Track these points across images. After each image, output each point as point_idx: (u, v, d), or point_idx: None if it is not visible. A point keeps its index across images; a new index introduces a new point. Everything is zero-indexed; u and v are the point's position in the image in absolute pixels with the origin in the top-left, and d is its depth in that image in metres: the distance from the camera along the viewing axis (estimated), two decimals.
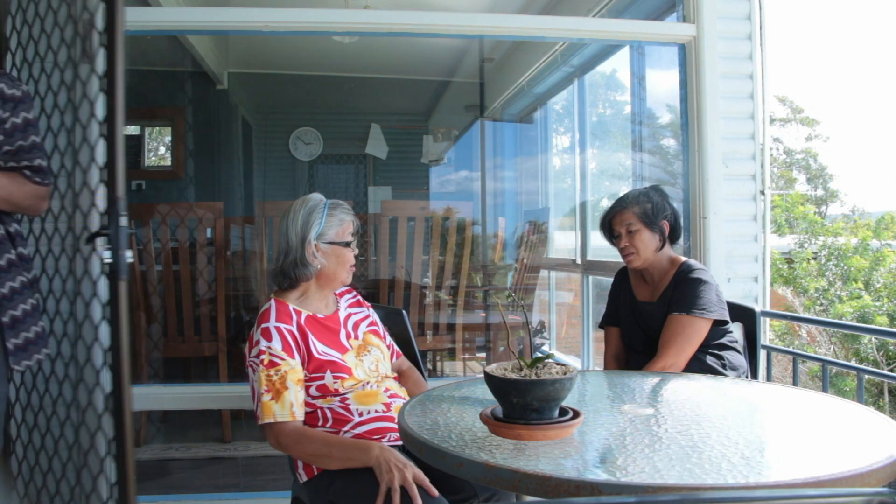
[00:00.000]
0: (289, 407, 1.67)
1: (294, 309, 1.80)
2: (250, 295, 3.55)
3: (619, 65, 4.53)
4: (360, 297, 2.03)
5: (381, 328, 2.01)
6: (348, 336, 1.87)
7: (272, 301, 1.80)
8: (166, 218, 3.30)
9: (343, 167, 6.38)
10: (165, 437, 3.44)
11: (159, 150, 7.20)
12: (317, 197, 1.88)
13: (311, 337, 1.77)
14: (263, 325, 1.74)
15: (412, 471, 1.52)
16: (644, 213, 2.16)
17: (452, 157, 6.17)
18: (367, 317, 1.99)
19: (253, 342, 1.74)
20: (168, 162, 5.63)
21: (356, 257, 1.93)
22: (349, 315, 1.93)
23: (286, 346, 1.72)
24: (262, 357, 1.70)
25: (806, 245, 9.50)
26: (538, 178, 5.62)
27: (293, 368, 1.72)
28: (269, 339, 1.72)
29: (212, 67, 5.33)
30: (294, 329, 1.76)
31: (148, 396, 2.66)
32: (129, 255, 1.61)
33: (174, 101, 5.37)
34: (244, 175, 6.04)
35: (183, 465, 3.13)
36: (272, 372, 1.68)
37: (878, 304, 8.30)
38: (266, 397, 1.67)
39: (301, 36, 4.28)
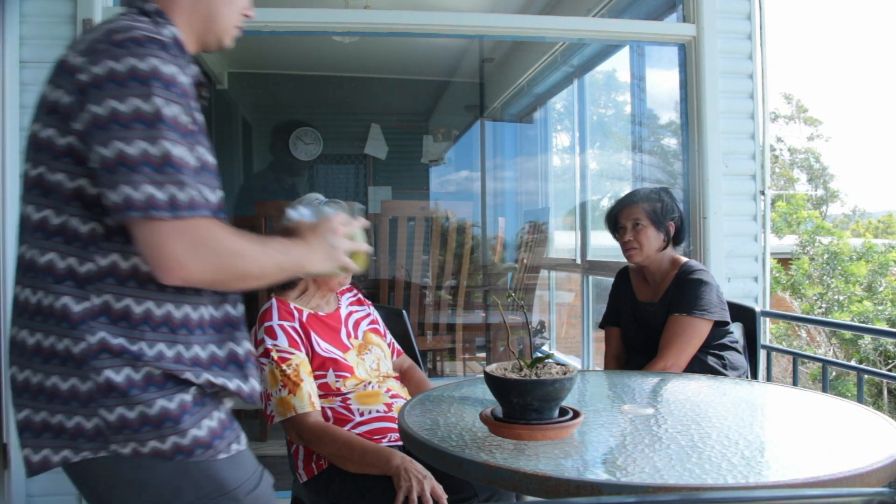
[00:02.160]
0: (307, 398, 1.67)
1: (295, 307, 1.80)
2: (250, 295, 3.55)
3: (619, 65, 4.53)
4: (360, 296, 2.03)
5: (381, 326, 2.01)
6: (349, 335, 1.87)
7: (273, 300, 1.80)
8: None
9: (343, 167, 6.37)
10: None
11: None
12: (311, 196, 1.88)
13: (313, 335, 1.77)
14: (266, 324, 1.74)
15: (431, 483, 1.52)
16: (653, 211, 2.16)
17: (452, 157, 6.16)
18: (368, 315, 1.99)
19: (256, 341, 1.74)
20: None
21: None
22: (350, 313, 1.93)
23: (292, 342, 1.73)
24: (271, 354, 1.69)
25: (808, 248, 9.42)
26: (538, 178, 5.61)
27: (303, 361, 1.72)
28: (274, 337, 1.72)
29: (212, 67, 5.33)
30: (297, 326, 1.76)
31: None
32: None
33: None
34: (244, 175, 6.04)
35: None
36: (285, 367, 1.68)
37: (881, 308, 8.23)
38: (282, 393, 1.66)
39: (301, 36, 4.27)
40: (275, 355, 1.69)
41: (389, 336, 2.04)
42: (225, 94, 5.76)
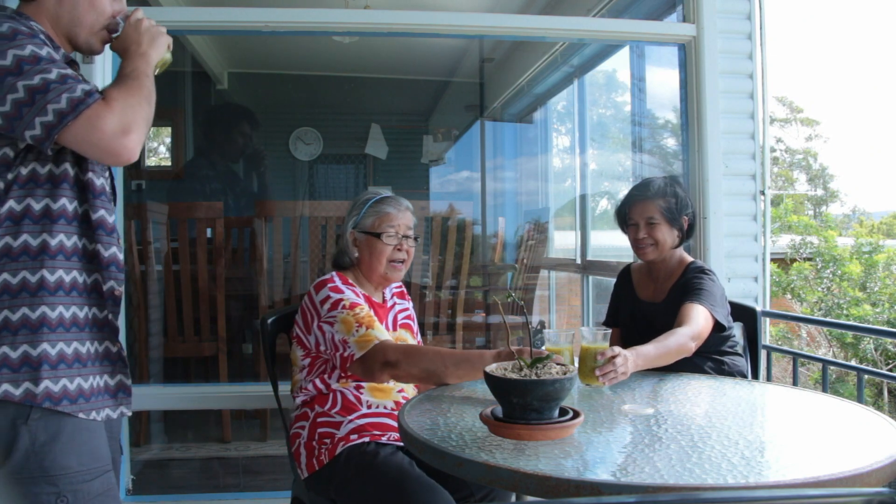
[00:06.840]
0: (385, 332, 1.72)
1: (353, 282, 1.87)
2: (250, 295, 3.55)
3: (619, 65, 4.53)
4: (404, 289, 2.05)
5: (415, 325, 2.04)
6: (387, 328, 1.89)
7: (334, 273, 1.86)
8: (166, 218, 3.30)
9: (343, 167, 6.37)
10: (165, 437, 3.44)
11: (159, 150, 7.20)
12: (373, 190, 1.93)
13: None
14: (330, 285, 1.79)
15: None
16: (668, 208, 2.09)
17: (452, 157, 6.16)
18: (406, 309, 2.02)
19: (320, 300, 1.77)
20: (168, 162, 5.61)
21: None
22: (394, 305, 1.98)
23: (357, 298, 1.79)
24: (342, 303, 1.74)
25: (802, 250, 9.38)
26: (538, 178, 5.61)
27: (371, 312, 1.77)
28: (340, 292, 1.77)
29: (212, 67, 5.33)
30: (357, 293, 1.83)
31: (148, 396, 2.66)
32: None
33: (174, 101, 5.36)
34: (244, 175, 6.03)
35: (183, 465, 3.13)
36: (357, 310, 1.73)
37: (877, 310, 8.21)
38: (361, 331, 1.69)
39: (301, 36, 4.27)
40: (346, 303, 1.74)
41: (419, 336, 2.07)
42: (225, 93, 5.75)
